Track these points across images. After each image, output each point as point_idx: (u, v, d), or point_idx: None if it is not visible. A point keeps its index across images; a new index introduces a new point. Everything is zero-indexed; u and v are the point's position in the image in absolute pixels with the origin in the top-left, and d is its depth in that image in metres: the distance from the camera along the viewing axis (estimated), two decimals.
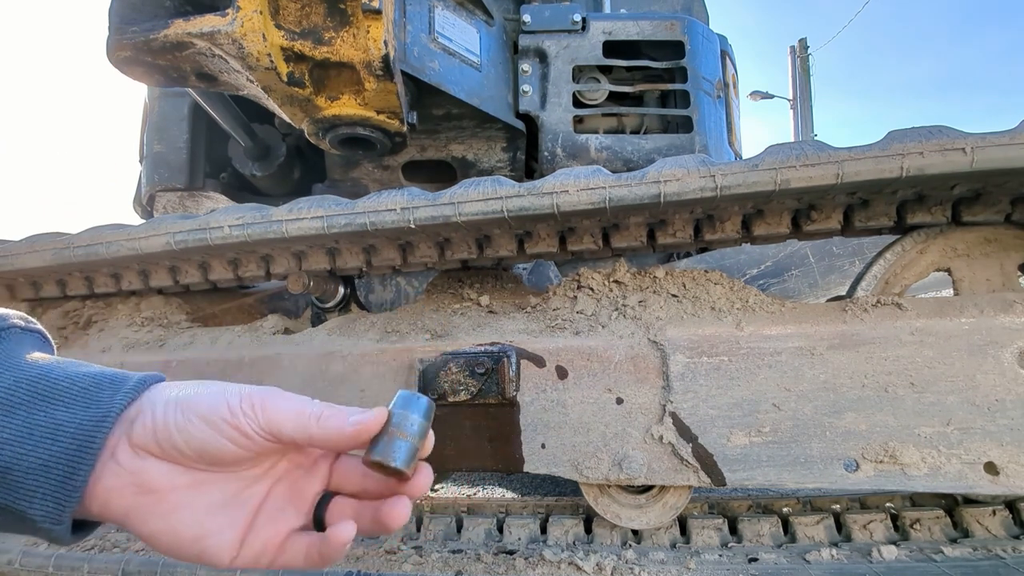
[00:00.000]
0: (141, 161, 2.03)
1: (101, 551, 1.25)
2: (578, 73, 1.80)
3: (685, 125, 1.81)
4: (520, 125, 1.75)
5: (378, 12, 1.14)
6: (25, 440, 0.39)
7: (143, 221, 1.29)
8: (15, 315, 0.47)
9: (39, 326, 0.48)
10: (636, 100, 1.90)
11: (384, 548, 1.18)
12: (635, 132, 1.86)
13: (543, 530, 1.23)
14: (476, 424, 1.13)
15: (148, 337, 1.40)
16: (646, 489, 1.14)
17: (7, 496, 0.38)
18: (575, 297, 1.18)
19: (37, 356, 0.44)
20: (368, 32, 1.17)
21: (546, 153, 1.76)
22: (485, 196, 1.02)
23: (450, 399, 1.10)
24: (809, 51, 13.58)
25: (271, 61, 1.17)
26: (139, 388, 0.44)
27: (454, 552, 1.15)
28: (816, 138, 11.68)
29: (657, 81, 1.85)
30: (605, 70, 1.85)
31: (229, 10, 1.13)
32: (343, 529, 0.45)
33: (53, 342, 0.50)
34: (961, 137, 0.88)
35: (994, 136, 0.87)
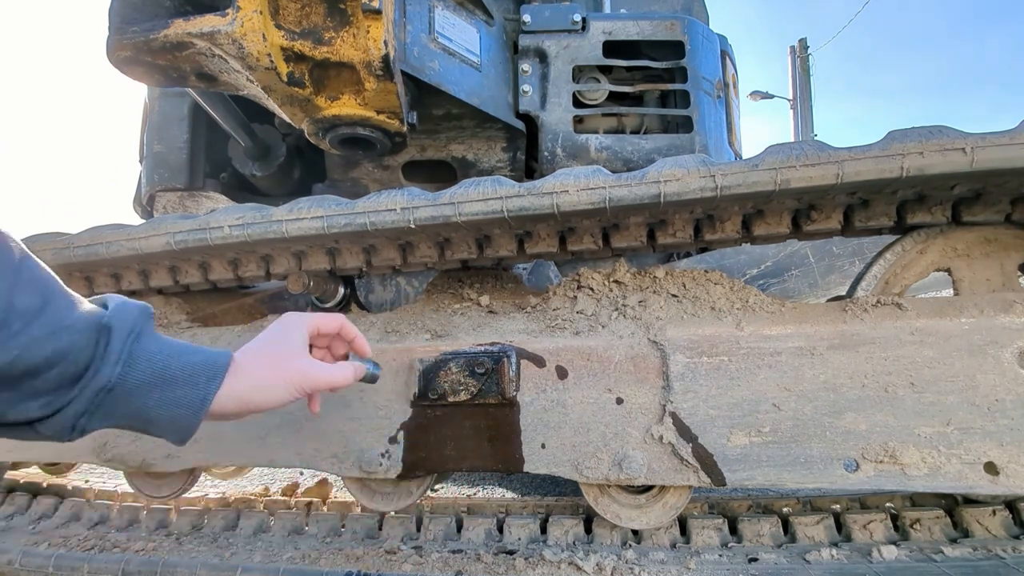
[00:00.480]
0: (141, 161, 2.03)
1: (101, 551, 1.25)
2: (578, 73, 1.80)
3: (685, 125, 1.81)
4: (520, 125, 1.74)
5: (378, 12, 1.14)
6: (162, 407, 0.65)
7: (143, 221, 1.29)
8: (136, 306, 0.67)
9: (150, 308, 0.70)
10: (636, 100, 1.90)
11: (384, 548, 1.18)
12: (635, 132, 1.86)
13: (543, 530, 1.22)
14: (476, 424, 1.13)
15: None
16: (646, 489, 1.14)
17: (155, 431, 0.67)
18: (575, 297, 1.18)
19: (158, 345, 0.66)
20: (368, 32, 1.17)
21: (546, 153, 1.76)
22: (485, 196, 1.02)
23: (450, 399, 1.10)
24: (809, 51, 13.58)
25: (271, 61, 1.17)
26: (223, 375, 0.69)
27: (454, 552, 1.15)
28: (816, 138, 11.68)
29: (657, 81, 1.85)
30: (605, 70, 1.84)
31: (229, 10, 1.13)
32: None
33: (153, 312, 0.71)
34: (961, 137, 0.88)
35: (994, 136, 0.87)
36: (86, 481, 1.96)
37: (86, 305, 0.62)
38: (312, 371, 0.78)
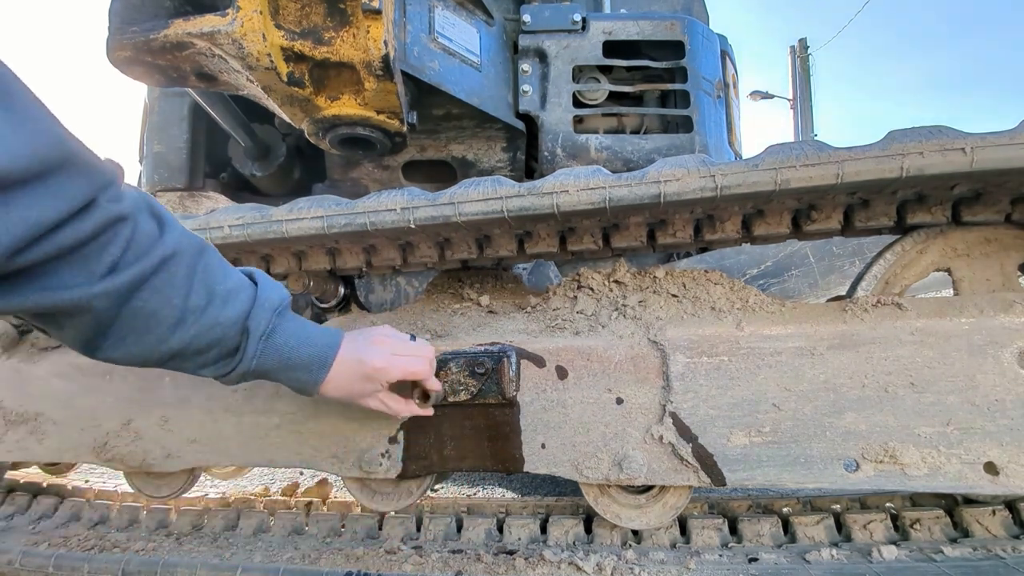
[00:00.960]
0: (141, 161, 2.03)
1: (101, 551, 1.25)
2: (578, 73, 1.80)
3: (685, 125, 1.81)
4: (520, 125, 1.74)
5: (378, 12, 1.14)
6: (289, 381, 0.88)
7: None
8: (272, 305, 0.81)
9: (286, 299, 0.86)
10: (636, 100, 1.90)
11: (384, 548, 1.18)
12: (635, 132, 1.86)
13: (543, 530, 1.23)
14: (476, 424, 1.13)
15: None
16: (646, 489, 1.14)
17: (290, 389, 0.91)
18: (575, 297, 1.19)
19: (285, 337, 0.83)
20: (368, 32, 1.17)
21: (546, 153, 1.76)
22: (485, 196, 1.02)
23: (450, 399, 1.10)
24: (809, 51, 13.59)
25: (271, 61, 1.17)
26: (330, 366, 0.88)
27: (454, 552, 1.15)
28: (816, 138, 11.67)
29: (657, 81, 1.85)
30: (605, 70, 1.84)
31: (229, 10, 1.13)
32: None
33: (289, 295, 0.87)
34: (961, 137, 0.88)
35: (994, 136, 0.87)
36: (86, 481, 1.96)
37: (238, 299, 0.78)
38: (378, 408, 0.99)
